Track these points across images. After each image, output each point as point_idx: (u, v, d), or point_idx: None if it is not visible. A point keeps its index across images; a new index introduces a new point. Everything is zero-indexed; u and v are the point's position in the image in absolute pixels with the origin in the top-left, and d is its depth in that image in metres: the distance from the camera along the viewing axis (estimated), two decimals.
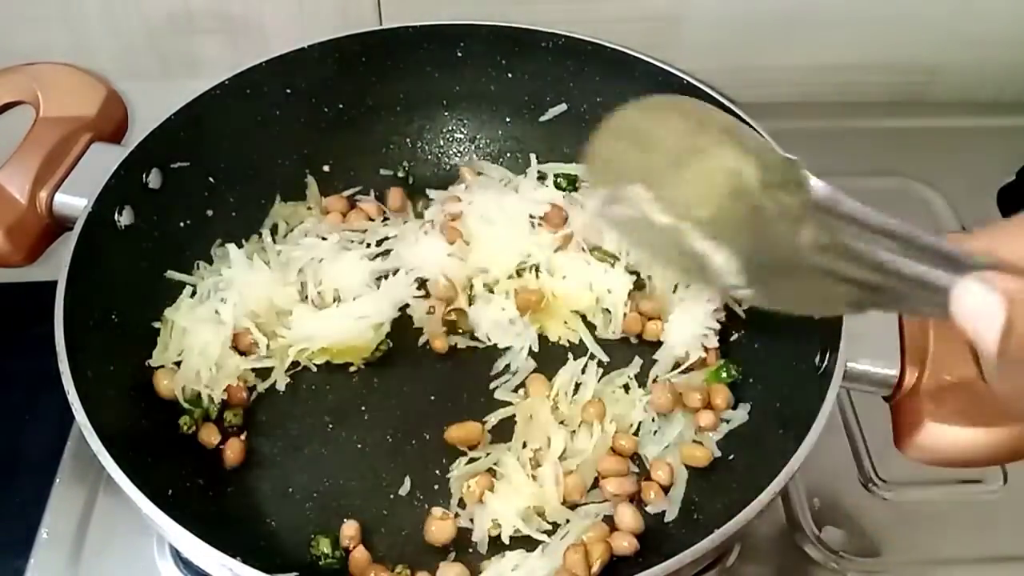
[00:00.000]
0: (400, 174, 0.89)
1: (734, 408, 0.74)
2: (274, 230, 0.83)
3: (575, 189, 0.84)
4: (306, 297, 0.77)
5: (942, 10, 1.00)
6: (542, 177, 0.85)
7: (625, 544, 0.66)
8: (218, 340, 0.73)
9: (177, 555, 0.71)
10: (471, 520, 0.68)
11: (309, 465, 0.72)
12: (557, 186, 0.84)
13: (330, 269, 0.78)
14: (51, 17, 0.86)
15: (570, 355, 0.77)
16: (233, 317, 0.74)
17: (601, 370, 0.76)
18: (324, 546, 0.66)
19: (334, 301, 0.77)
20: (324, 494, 0.70)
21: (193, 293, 0.76)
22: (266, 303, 0.75)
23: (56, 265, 0.65)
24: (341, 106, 0.86)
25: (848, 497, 0.76)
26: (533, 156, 0.86)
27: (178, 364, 0.73)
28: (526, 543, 0.67)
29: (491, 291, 0.79)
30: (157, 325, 0.74)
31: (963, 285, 0.36)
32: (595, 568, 0.64)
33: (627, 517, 0.67)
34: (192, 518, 0.56)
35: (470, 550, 0.67)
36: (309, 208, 0.84)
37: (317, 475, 0.71)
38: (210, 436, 0.71)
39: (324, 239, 0.80)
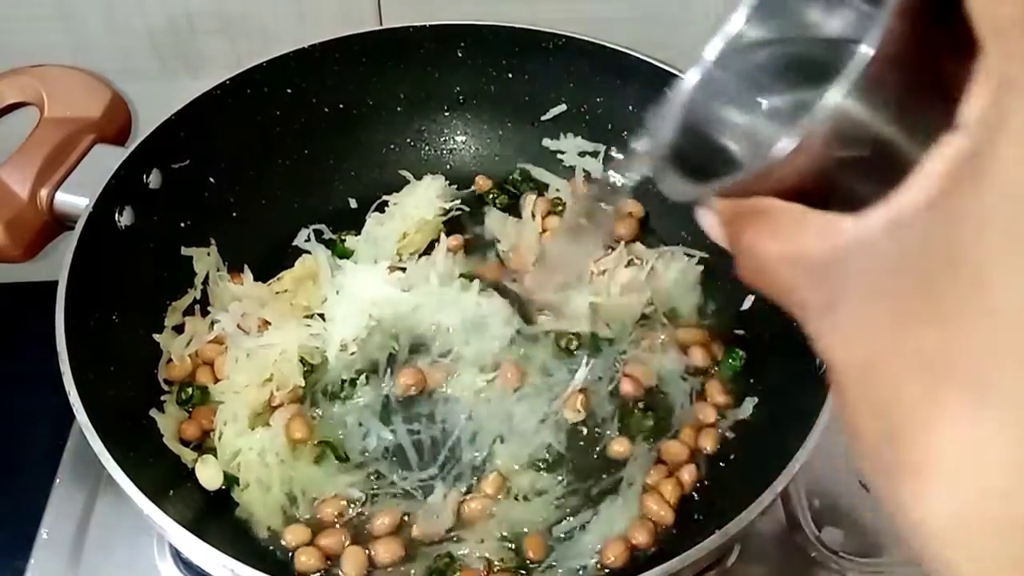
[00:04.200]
0: (401, 173, 0.89)
1: (739, 404, 0.74)
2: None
3: None
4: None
5: None
6: None
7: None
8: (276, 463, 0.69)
9: (177, 555, 0.71)
10: None
11: None
12: None
13: None
14: (51, 17, 0.86)
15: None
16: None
17: None
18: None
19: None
20: None
21: (196, 304, 0.77)
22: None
23: (57, 265, 0.65)
24: (341, 106, 0.86)
25: (848, 497, 0.76)
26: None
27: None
28: None
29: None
30: (157, 338, 0.74)
31: (700, 213, 0.36)
32: None
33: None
34: (192, 518, 0.56)
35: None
36: None
37: None
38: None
39: None
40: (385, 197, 0.87)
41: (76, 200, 0.70)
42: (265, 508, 0.68)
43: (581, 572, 0.66)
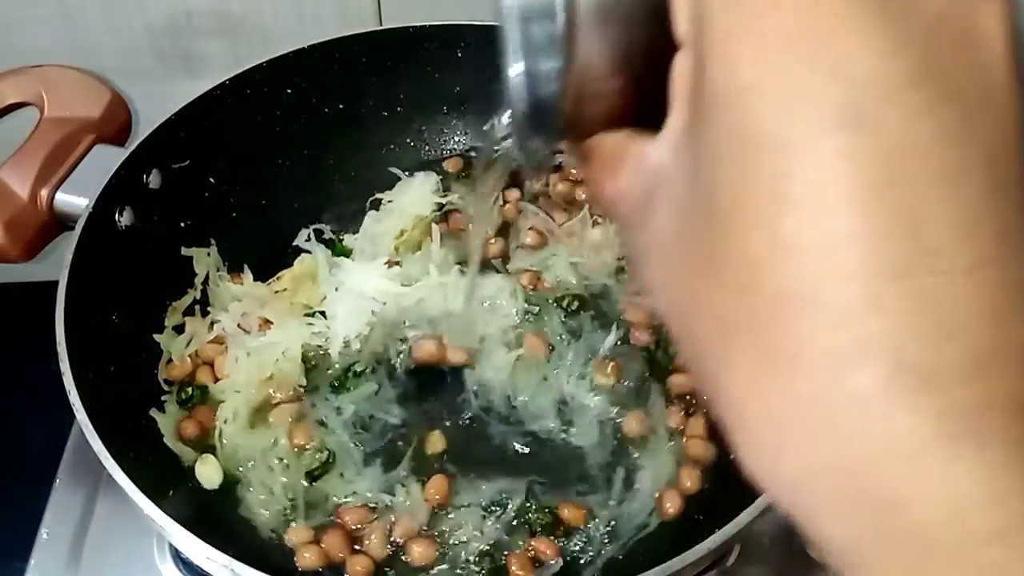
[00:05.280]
0: (400, 175, 0.89)
1: None
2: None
3: None
4: None
5: None
6: None
7: None
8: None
9: (177, 555, 0.71)
10: None
11: None
12: None
13: None
14: (51, 17, 0.86)
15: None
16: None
17: None
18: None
19: None
20: None
21: (196, 304, 0.77)
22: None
23: (57, 265, 0.65)
24: (341, 106, 0.86)
25: None
26: None
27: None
28: None
29: None
30: (157, 338, 0.74)
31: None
32: None
33: None
34: (192, 518, 0.56)
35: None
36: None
37: None
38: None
39: None
40: (378, 195, 0.86)
41: (76, 200, 0.70)
42: (268, 510, 0.68)
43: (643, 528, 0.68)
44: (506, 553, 0.66)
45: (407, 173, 0.88)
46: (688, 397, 0.74)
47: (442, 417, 0.74)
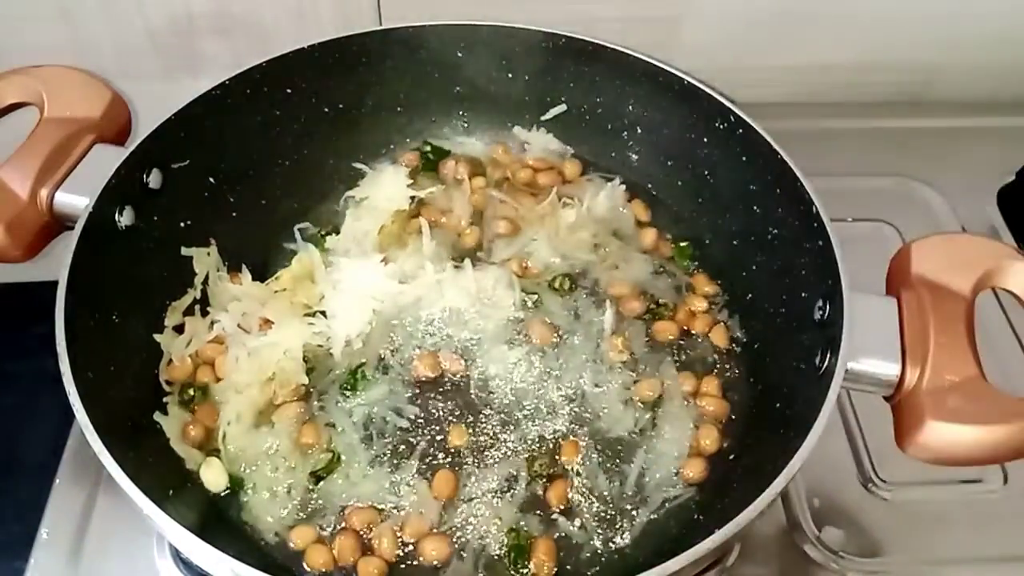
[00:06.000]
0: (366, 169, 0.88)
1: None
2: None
3: None
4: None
5: (942, 10, 1.00)
6: None
7: None
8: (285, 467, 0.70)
9: (177, 555, 0.71)
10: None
11: None
12: None
13: None
14: (51, 17, 0.86)
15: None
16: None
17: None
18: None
19: None
20: None
21: (196, 304, 0.77)
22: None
23: (57, 265, 0.65)
24: (341, 106, 0.86)
25: (848, 497, 0.76)
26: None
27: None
28: None
29: None
30: (157, 338, 0.74)
31: None
32: None
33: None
34: (192, 518, 0.56)
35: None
36: None
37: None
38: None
39: None
40: (348, 193, 0.86)
41: (76, 200, 0.70)
42: (272, 512, 0.68)
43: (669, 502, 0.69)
44: (531, 539, 0.67)
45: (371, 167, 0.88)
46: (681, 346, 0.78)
47: (451, 420, 0.74)
